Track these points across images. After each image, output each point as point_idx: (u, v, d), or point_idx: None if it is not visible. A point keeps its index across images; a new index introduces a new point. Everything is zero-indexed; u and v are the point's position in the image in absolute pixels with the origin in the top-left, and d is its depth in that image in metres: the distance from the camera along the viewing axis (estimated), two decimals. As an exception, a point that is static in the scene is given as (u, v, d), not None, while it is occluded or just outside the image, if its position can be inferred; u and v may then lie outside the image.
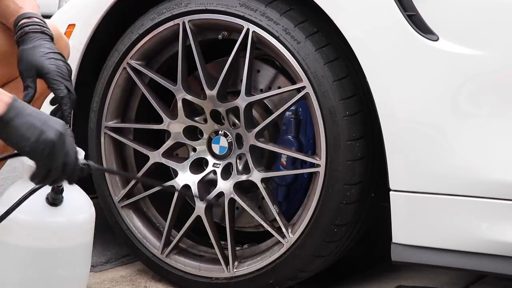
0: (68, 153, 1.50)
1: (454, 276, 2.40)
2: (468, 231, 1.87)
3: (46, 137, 1.47)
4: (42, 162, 1.49)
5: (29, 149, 1.47)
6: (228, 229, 2.19)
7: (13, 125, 1.46)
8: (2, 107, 1.46)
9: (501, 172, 1.83)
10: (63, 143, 1.49)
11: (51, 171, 1.50)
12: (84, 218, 1.67)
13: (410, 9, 1.88)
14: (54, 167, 1.49)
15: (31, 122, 1.47)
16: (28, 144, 1.46)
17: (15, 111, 1.46)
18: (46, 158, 1.48)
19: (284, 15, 2.06)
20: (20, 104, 1.48)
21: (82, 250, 1.68)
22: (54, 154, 1.48)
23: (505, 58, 1.82)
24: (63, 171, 1.50)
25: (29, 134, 1.46)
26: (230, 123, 2.22)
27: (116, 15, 2.32)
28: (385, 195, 1.95)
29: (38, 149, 1.47)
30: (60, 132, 1.49)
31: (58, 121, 1.52)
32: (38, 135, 1.47)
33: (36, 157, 1.48)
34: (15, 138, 1.47)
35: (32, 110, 1.49)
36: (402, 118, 1.89)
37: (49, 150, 1.48)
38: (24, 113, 1.47)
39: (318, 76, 2.01)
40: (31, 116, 1.48)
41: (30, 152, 1.47)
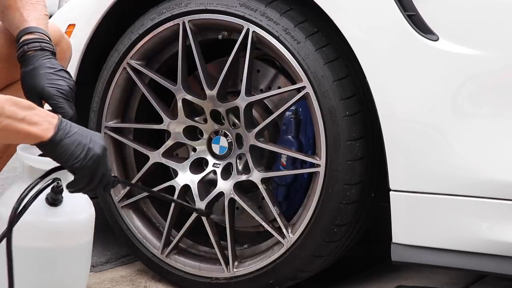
0: (107, 167, 1.58)
1: (454, 276, 2.40)
2: (468, 231, 1.87)
3: (94, 153, 1.54)
4: (86, 175, 1.55)
5: (79, 165, 1.53)
6: (228, 229, 2.19)
7: (63, 145, 1.52)
8: (51, 129, 1.51)
9: (501, 172, 1.83)
10: (105, 157, 1.57)
11: (90, 183, 1.56)
12: (84, 218, 1.67)
13: (410, 9, 1.88)
14: (94, 179, 1.56)
15: (79, 139, 1.53)
16: (78, 161, 1.53)
17: (63, 131, 1.52)
18: (91, 171, 1.55)
19: (284, 15, 2.06)
20: (66, 124, 1.54)
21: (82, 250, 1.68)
22: (97, 168, 1.55)
23: (505, 58, 1.82)
24: (100, 182, 1.57)
25: (78, 151, 1.53)
26: (230, 123, 2.22)
27: (116, 15, 2.32)
28: (385, 195, 1.95)
29: (87, 164, 1.53)
30: (104, 146, 1.57)
31: (100, 135, 1.59)
32: (86, 152, 1.53)
33: (83, 171, 1.54)
34: (65, 157, 1.52)
35: (77, 127, 1.55)
36: (402, 118, 1.89)
37: (95, 164, 1.54)
38: (71, 132, 1.53)
39: (318, 76, 2.01)
40: (78, 134, 1.54)
41: (79, 168, 1.54)
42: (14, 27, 1.81)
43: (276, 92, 2.15)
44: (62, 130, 1.52)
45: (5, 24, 1.86)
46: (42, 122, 1.50)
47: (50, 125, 1.51)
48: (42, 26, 1.80)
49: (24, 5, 1.82)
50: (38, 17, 1.82)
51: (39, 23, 1.80)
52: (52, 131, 1.51)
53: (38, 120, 1.50)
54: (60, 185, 1.60)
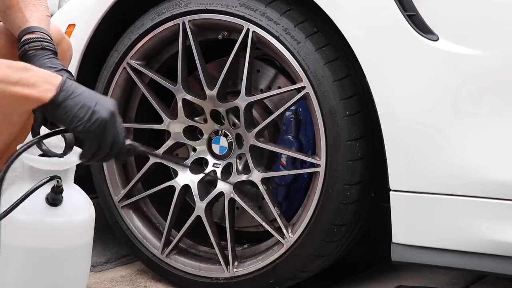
0: (117, 132, 1.52)
1: (454, 276, 2.40)
2: (468, 231, 1.87)
3: (99, 116, 1.49)
4: (92, 140, 1.50)
5: (82, 128, 1.48)
6: (228, 229, 2.19)
7: (65, 106, 1.47)
8: (52, 90, 1.46)
9: (501, 172, 1.83)
10: (114, 122, 1.51)
11: (100, 149, 1.51)
12: (84, 218, 1.67)
13: (410, 9, 1.88)
14: (103, 145, 1.51)
15: (83, 101, 1.48)
16: (81, 123, 1.47)
17: (66, 92, 1.47)
18: (97, 136, 1.49)
19: (284, 15, 2.06)
20: (71, 84, 1.48)
21: (82, 250, 1.68)
22: (105, 132, 1.50)
23: (505, 58, 1.82)
24: (111, 149, 1.52)
25: (82, 113, 1.47)
26: (230, 123, 2.22)
27: (116, 15, 2.32)
28: (385, 195, 1.95)
29: (91, 127, 1.48)
30: (112, 111, 1.51)
31: (109, 100, 1.54)
32: (91, 114, 1.48)
33: (87, 135, 1.49)
34: (67, 119, 1.47)
35: (83, 89, 1.50)
36: (402, 118, 1.89)
37: (101, 128, 1.49)
38: (75, 93, 1.47)
39: (318, 76, 2.01)
40: (82, 96, 1.48)
41: (83, 131, 1.49)
42: (15, 27, 1.81)
43: (276, 92, 2.15)
44: (65, 91, 1.47)
45: (6, 24, 1.86)
46: (40, 83, 1.45)
47: (51, 85, 1.46)
48: (44, 26, 1.80)
49: (26, 6, 1.82)
50: (40, 17, 1.82)
51: (41, 23, 1.80)
52: (53, 91, 1.46)
53: (36, 81, 1.45)
54: (60, 185, 1.60)
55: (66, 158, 1.63)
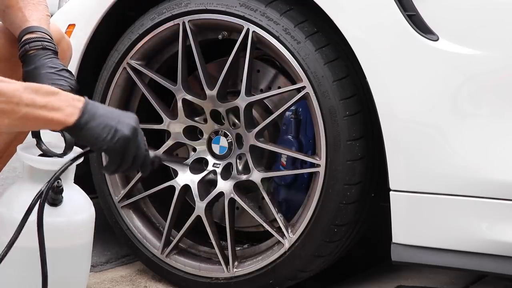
0: (139, 147, 1.56)
1: (454, 276, 2.40)
2: (468, 231, 1.87)
3: (122, 135, 1.52)
4: (116, 156, 1.53)
5: (106, 147, 1.51)
6: (228, 229, 2.19)
7: (89, 128, 1.50)
8: (76, 113, 1.49)
9: (501, 172, 1.83)
10: (135, 137, 1.54)
11: (123, 163, 1.55)
12: (84, 218, 1.67)
13: (410, 9, 1.88)
14: (126, 160, 1.54)
15: (105, 122, 1.51)
16: (105, 143, 1.51)
17: (89, 114, 1.50)
18: (120, 154, 1.53)
19: (284, 15, 2.06)
20: (92, 106, 1.51)
21: (82, 250, 1.68)
22: (127, 149, 1.53)
23: (505, 58, 1.82)
24: (133, 163, 1.56)
25: (105, 133, 1.51)
26: (230, 123, 2.22)
27: (116, 15, 2.32)
28: (385, 195, 1.95)
29: (114, 146, 1.51)
30: (134, 127, 1.54)
31: (130, 116, 1.56)
32: (113, 133, 1.51)
33: (111, 153, 1.53)
34: (91, 139, 1.51)
35: (105, 109, 1.53)
36: (402, 118, 1.89)
37: (124, 146, 1.52)
38: (97, 114, 1.51)
39: (318, 76, 2.01)
40: (104, 116, 1.51)
41: (107, 150, 1.52)
42: (15, 27, 1.81)
43: (276, 92, 2.15)
44: (88, 113, 1.49)
45: (6, 24, 1.86)
46: (65, 107, 1.48)
47: (75, 109, 1.49)
48: (44, 26, 1.80)
49: (26, 5, 1.82)
50: (40, 17, 1.82)
51: (41, 23, 1.80)
52: (76, 115, 1.48)
53: (60, 106, 1.47)
54: (60, 185, 1.60)
55: (66, 158, 1.63)
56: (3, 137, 1.94)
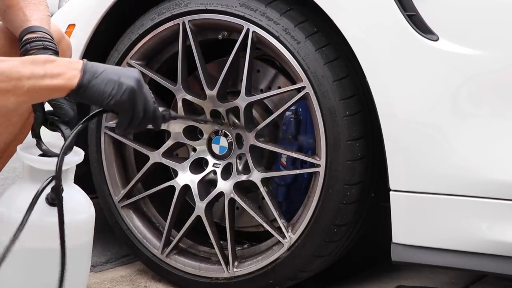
0: (147, 99, 1.55)
1: (454, 276, 2.40)
2: (468, 231, 1.87)
3: (127, 86, 1.51)
4: (126, 111, 1.53)
5: (114, 101, 1.51)
6: (228, 229, 2.19)
7: (92, 86, 1.49)
8: (77, 75, 1.48)
9: (501, 172, 1.83)
10: (141, 89, 1.54)
11: (134, 118, 1.54)
12: (84, 218, 1.67)
13: (410, 9, 1.88)
14: (136, 113, 1.54)
15: (108, 77, 1.51)
16: (111, 98, 1.50)
17: (90, 73, 1.50)
18: (130, 106, 1.52)
19: (284, 15, 2.06)
20: (92, 65, 1.51)
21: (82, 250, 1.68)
22: (135, 101, 1.53)
23: (505, 58, 1.82)
24: (144, 116, 1.55)
25: (110, 88, 1.50)
26: (230, 123, 2.22)
27: (116, 15, 2.32)
28: (385, 195, 1.95)
29: (122, 99, 1.51)
30: (137, 78, 1.54)
31: (132, 70, 1.56)
32: (118, 86, 1.51)
33: (121, 107, 1.52)
34: (98, 97, 1.50)
35: (105, 66, 1.53)
36: (402, 118, 1.89)
37: (131, 97, 1.52)
38: (98, 71, 1.50)
39: (318, 76, 2.01)
40: (106, 73, 1.51)
41: (115, 104, 1.51)
42: (16, 26, 1.81)
43: (276, 92, 2.15)
44: (89, 72, 1.50)
45: (6, 23, 1.86)
46: (65, 71, 1.48)
47: (75, 70, 1.49)
48: (45, 26, 1.80)
49: (27, 5, 1.82)
50: (41, 17, 1.82)
51: (42, 22, 1.80)
52: (78, 76, 1.48)
53: (61, 71, 1.48)
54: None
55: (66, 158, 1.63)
56: (3, 137, 1.94)
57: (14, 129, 1.94)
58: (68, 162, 1.64)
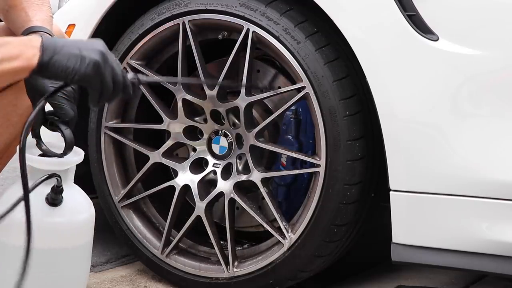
0: (114, 69, 1.52)
1: (454, 276, 2.40)
2: (468, 231, 1.87)
3: (90, 60, 1.48)
4: (93, 84, 1.50)
5: (78, 76, 1.48)
6: (228, 229, 2.19)
7: (54, 63, 1.47)
8: (36, 53, 1.46)
9: (501, 172, 1.83)
10: (106, 61, 1.51)
11: (103, 90, 1.52)
12: (84, 219, 1.66)
13: (410, 9, 1.88)
14: (105, 85, 1.51)
15: (69, 52, 1.48)
16: (75, 72, 1.47)
17: (50, 50, 1.47)
18: (95, 78, 1.49)
19: (284, 15, 2.06)
20: (51, 41, 1.48)
21: (81, 250, 1.68)
22: (101, 74, 1.50)
23: (505, 58, 1.82)
24: (114, 87, 1.53)
25: (72, 63, 1.48)
26: (230, 123, 2.22)
27: (116, 15, 2.32)
28: (385, 195, 1.95)
29: (86, 72, 1.48)
30: (100, 51, 1.51)
31: (95, 42, 1.53)
32: (80, 60, 1.48)
33: (86, 81, 1.50)
34: (60, 72, 1.48)
35: (65, 41, 1.50)
36: (402, 118, 1.89)
37: (96, 69, 1.49)
38: (57, 47, 1.47)
39: (318, 76, 2.01)
40: (66, 47, 1.48)
41: (80, 79, 1.49)
42: (18, 26, 1.81)
43: (276, 92, 2.15)
44: (48, 49, 1.46)
45: (8, 24, 1.86)
46: (24, 51, 1.45)
47: (34, 49, 1.46)
48: (48, 26, 1.80)
49: (30, 6, 1.82)
50: (44, 17, 1.82)
51: (44, 23, 1.80)
52: (37, 54, 1.46)
53: (19, 52, 1.45)
54: (60, 185, 1.59)
55: (66, 158, 1.63)
56: (3, 138, 1.94)
57: (14, 129, 1.94)
58: (68, 162, 1.64)
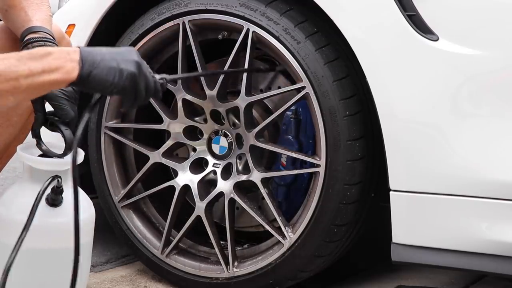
0: (147, 78, 1.54)
1: (454, 276, 2.40)
2: (468, 231, 1.87)
3: (128, 73, 1.50)
4: (129, 94, 1.52)
5: (117, 89, 1.50)
6: (228, 229, 2.19)
7: (93, 77, 1.47)
8: (76, 67, 1.46)
9: (501, 172, 1.83)
10: (141, 71, 1.53)
11: (136, 99, 1.54)
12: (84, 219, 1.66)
13: (410, 9, 1.88)
14: (139, 94, 1.53)
15: (108, 65, 1.49)
16: (114, 86, 1.49)
17: (89, 63, 1.47)
18: (132, 89, 1.52)
19: (284, 15, 2.06)
20: (89, 54, 1.49)
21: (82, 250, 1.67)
22: (137, 84, 1.52)
23: (505, 58, 1.82)
24: (146, 94, 1.55)
25: (111, 77, 1.49)
26: (230, 123, 2.22)
27: (116, 15, 2.32)
28: (385, 195, 1.95)
29: (124, 86, 1.50)
30: (136, 61, 1.52)
31: (130, 50, 1.55)
32: (120, 74, 1.49)
33: (122, 93, 1.52)
34: (100, 87, 1.49)
35: (102, 52, 1.50)
36: (402, 118, 1.89)
37: (132, 82, 1.51)
38: (96, 60, 1.48)
39: (318, 76, 2.01)
40: (105, 60, 1.49)
41: (120, 91, 1.51)
42: (18, 26, 1.81)
43: (276, 92, 2.15)
44: (87, 62, 1.47)
45: (8, 23, 1.86)
46: (63, 64, 1.45)
47: (73, 62, 1.46)
48: (47, 26, 1.80)
49: (29, 5, 1.82)
50: (43, 17, 1.82)
51: (44, 23, 1.80)
52: (77, 69, 1.46)
53: (58, 64, 1.45)
54: (60, 186, 1.60)
55: (66, 159, 1.63)
56: (3, 138, 1.94)
57: (14, 130, 1.94)
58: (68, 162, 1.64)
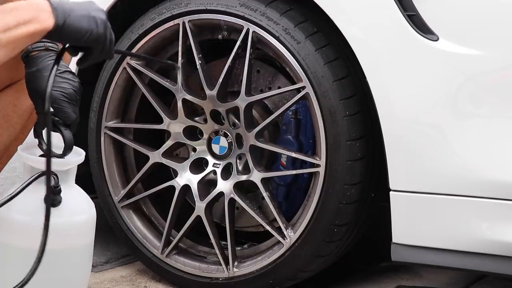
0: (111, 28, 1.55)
1: (454, 276, 2.40)
2: (468, 231, 1.87)
3: (100, 20, 1.50)
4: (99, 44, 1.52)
5: (94, 36, 1.50)
6: (228, 229, 2.19)
7: (69, 25, 1.47)
8: (50, 16, 1.46)
9: (501, 172, 1.83)
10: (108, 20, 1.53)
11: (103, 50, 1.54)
12: (83, 220, 1.66)
13: (410, 9, 1.88)
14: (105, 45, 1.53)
15: (80, 13, 1.49)
16: (90, 33, 1.49)
17: (61, 12, 1.47)
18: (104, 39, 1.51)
19: (284, 15, 2.06)
20: (58, 4, 1.48)
21: (82, 251, 1.67)
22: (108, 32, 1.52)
23: (505, 58, 1.82)
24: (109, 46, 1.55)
25: (86, 24, 1.49)
26: (230, 123, 2.22)
27: (116, 15, 2.32)
28: (385, 195, 1.95)
29: (99, 32, 1.50)
30: (103, 10, 1.52)
31: (90, 2, 1.54)
32: (94, 21, 1.50)
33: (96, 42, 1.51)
34: (75, 35, 1.48)
35: (68, 3, 1.50)
36: (402, 118, 1.89)
37: (105, 29, 1.51)
38: (66, 9, 1.47)
39: (318, 76, 2.01)
40: (75, 10, 1.49)
41: (95, 39, 1.51)
42: None
43: (276, 92, 2.15)
44: (59, 11, 1.47)
45: None
46: (36, 14, 1.45)
47: (46, 12, 1.46)
48: None
49: None
50: None
51: None
52: (52, 17, 1.46)
53: (32, 16, 1.45)
54: (57, 186, 1.59)
55: (66, 159, 1.63)
56: (3, 138, 1.94)
57: (15, 130, 1.94)
58: (68, 162, 1.64)
